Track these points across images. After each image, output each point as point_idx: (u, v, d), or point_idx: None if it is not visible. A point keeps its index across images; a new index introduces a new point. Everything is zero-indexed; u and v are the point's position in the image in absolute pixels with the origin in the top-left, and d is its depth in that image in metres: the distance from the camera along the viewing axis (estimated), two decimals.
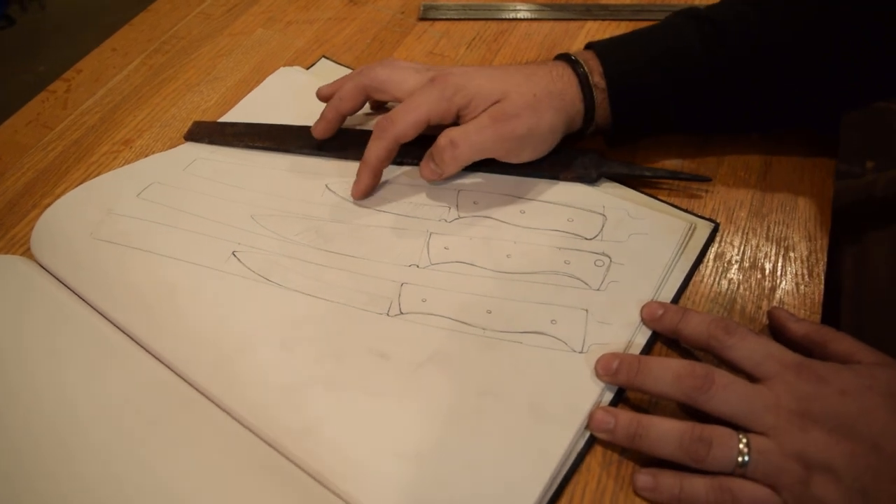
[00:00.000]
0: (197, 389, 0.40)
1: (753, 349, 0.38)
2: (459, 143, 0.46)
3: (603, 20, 0.66)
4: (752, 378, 0.38)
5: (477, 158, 0.47)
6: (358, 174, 0.49)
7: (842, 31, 0.46)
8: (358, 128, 0.55)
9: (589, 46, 0.51)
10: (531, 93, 0.46)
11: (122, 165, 0.54)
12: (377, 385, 0.40)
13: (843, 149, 0.56)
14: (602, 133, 0.51)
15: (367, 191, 0.49)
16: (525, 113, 0.46)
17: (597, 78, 0.48)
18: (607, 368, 0.40)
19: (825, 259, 0.47)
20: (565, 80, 0.48)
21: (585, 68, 0.48)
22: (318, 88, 0.53)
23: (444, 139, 0.46)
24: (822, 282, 0.46)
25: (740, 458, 0.35)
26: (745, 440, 0.35)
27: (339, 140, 0.53)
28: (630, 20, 0.66)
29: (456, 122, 0.47)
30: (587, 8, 0.68)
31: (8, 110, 0.61)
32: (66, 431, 0.38)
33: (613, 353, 0.40)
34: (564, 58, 0.50)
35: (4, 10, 2.27)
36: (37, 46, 2.18)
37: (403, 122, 0.46)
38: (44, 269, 0.47)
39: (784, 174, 0.52)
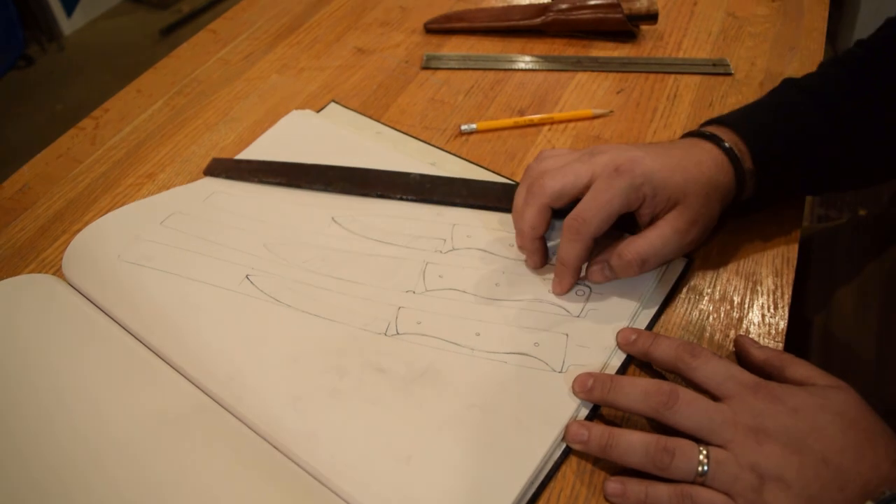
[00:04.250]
0: (212, 398, 0.44)
1: (716, 371, 0.42)
2: (650, 259, 0.47)
3: (592, 71, 0.72)
4: (714, 397, 0.41)
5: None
6: (558, 275, 0.49)
7: None
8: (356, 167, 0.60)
9: (720, 122, 0.52)
10: (705, 192, 0.47)
11: (146, 196, 0.59)
12: (374, 396, 0.44)
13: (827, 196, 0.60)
14: None
15: (570, 289, 0.50)
16: (702, 217, 0.48)
17: (748, 164, 0.50)
18: (583, 386, 0.44)
19: (790, 292, 0.52)
20: (726, 171, 0.49)
21: (739, 156, 0.50)
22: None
23: (632, 255, 0.47)
24: (787, 314, 0.50)
25: (700, 468, 0.39)
26: (704, 452, 0.39)
27: (345, 177, 0.58)
28: (618, 72, 0.71)
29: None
30: (578, 60, 0.73)
31: (27, 148, 0.66)
32: (93, 439, 0.42)
33: (589, 373, 0.44)
34: (714, 141, 0.50)
35: (24, 49, 2.36)
36: (55, 86, 2.25)
37: (597, 221, 0.46)
38: (73, 287, 0.51)
39: (755, 215, 0.56)
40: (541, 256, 0.51)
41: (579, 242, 0.47)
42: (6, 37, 2.26)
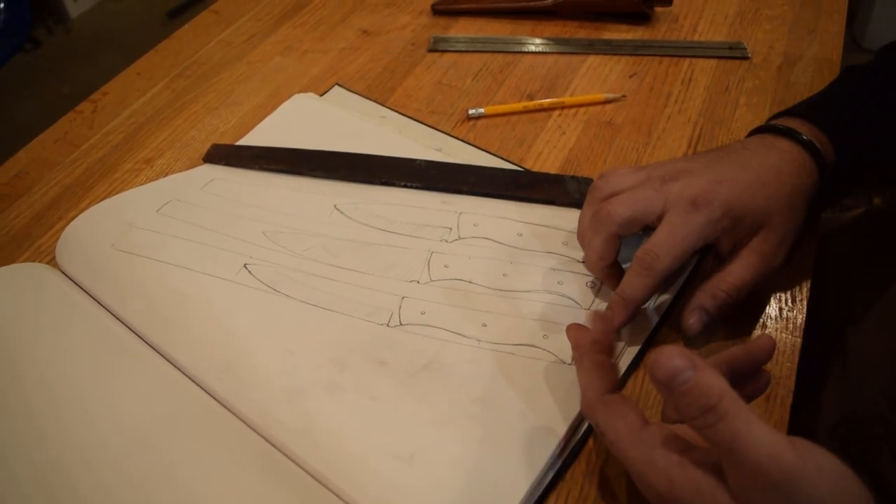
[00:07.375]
0: (206, 392, 0.42)
1: None
2: (743, 292, 0.44)
3: (605, 55, 0.70)
4: None
5: None
6: (614, 307, 0.44)
7: None
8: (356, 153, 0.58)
9: (790, 114, 0.49)
10: (789, 205, 0.44)
11: (144, 183, 0.57)
12: (375, 390, 0.42)
13: None
14: None
15: (619, 328, 0.44)
16: (789, 232, 0.45)
17: (830, 157, 0.47)
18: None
19: (809, 285, 0.50)
20: (808, 171, 0.46)
21: (820, 149, 0.46)
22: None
23: (724, 294, 0.43)
24: (805, 308, 0.48)
25: None
26: None
27: (349, 163, 0.56)
28: (631, 55, 0.69)
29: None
30: (590, 42, 0.71)
31: (34, 131, 0.64)
32: (82, 433, 0.41)
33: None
34: (790, 135, 0.47)
35: (30, 32, 2.34)
36: (61, 69, 2.24)
37: (670, 258, 0.42)
38: (66, 276, 0.50)
39: None
40: (614, 281, 0.46)
41: (649, 279, 0.42)
42: (13, 19, 2.24)
